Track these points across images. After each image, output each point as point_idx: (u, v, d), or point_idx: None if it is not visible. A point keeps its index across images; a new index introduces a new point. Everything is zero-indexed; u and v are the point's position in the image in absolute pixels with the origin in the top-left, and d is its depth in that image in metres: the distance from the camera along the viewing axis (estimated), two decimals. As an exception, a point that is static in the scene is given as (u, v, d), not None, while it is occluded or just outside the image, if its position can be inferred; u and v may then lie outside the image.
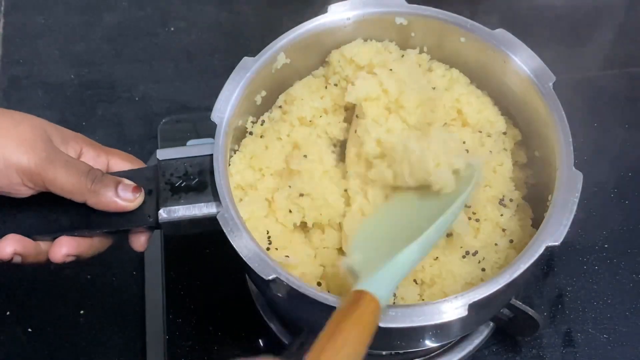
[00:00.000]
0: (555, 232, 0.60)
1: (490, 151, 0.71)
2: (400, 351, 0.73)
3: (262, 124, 0.73)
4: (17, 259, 0.61)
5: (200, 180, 0.65)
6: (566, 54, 0.94)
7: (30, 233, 0.62)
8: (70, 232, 0.62)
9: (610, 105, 0.94)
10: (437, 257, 0.67)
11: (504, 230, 0.68)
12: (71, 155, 0.63)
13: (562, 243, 0.60)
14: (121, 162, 0.67)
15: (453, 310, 0.57)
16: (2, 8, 1.05)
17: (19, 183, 0.60)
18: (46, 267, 0.79)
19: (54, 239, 0.63)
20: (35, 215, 0.63)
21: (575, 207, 0.61)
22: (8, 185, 0.60)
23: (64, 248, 0.62)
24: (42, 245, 0.63)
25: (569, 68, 0.92)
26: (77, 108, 0.97)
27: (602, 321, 0.79)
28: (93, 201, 0.61)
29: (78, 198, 0.61)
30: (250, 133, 0.73)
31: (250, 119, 0.73)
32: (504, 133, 0.73)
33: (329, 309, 0.57)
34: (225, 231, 0.61)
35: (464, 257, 0.66)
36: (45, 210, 0.63)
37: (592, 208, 0.84)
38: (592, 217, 0.84)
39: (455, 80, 0.74)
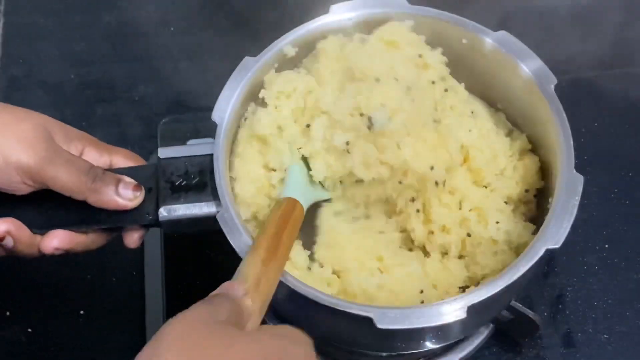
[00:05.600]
0: (555, 235, 0.60)
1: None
2: (400, 352, 0.73)
3: None
4: (9, 242, 0.61)
5: (201, 179, 0.65)
6: (566, 54, 0.94)
7: (28, 227, 0.62)
8: (69, 227, 0.62)
9: (610, 105, 0.94)
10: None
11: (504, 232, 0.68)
12: (73, 153, 0.63)
13: (562, 243, 0.60)
14: (124, 160, 0.66)
15: (452, 312, 0.57)
16: (2, 8, 1.05)
17: (18, 181, 0.60)
18: (46, 267, 0.80)
19: None
20: (34, 210, 0.62)
21: (575, 210, 0.61)
22: (8, 183, 0.60)
23: (55, 240, 0.62)
24: (39, 238, 0.62)
25: (568, 68, 0.92)
26: (77, 108, 0.96)
27: (602, 321, 0.79)
28: (93, 199, 0.61)
29: (78, 196, 0.61)
30: None
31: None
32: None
33: (328, 310, 0.57)
34: (224, 231, 0.61)
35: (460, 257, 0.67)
36: (44, 206, 0.63)
37: (592, 208, 0.85)
38: (592, 218, 0.84)
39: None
